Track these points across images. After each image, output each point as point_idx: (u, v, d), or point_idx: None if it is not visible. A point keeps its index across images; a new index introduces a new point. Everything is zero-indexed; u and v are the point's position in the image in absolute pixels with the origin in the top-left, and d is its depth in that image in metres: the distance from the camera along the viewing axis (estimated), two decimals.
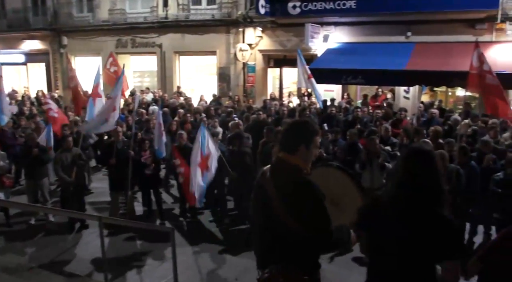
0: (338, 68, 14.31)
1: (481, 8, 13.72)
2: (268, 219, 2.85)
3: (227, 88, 18.59)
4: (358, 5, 14.93)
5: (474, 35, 14.53)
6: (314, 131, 2.92)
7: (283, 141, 2.91)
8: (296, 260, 2.78)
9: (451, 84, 13.84)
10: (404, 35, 15.40)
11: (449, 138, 8.67)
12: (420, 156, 2.73)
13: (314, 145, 2.89)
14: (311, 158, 2.92)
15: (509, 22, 14.30)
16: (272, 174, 2.88)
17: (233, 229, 8.52)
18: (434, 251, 2.60)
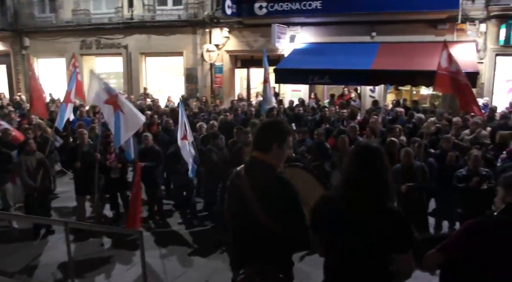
0: (305, 68, 14.44)
1: (442, 9, 14.11)
2: (244, 218, 2.86)
3: (195, 89, 18.48)
4: (324, 6, 15.11)
5: (436, 35, 14.95)
6: (287, 131, 2.97)
7: (257, 140, 2.94)
8: (271, 259, 2.81)
9: (415, 83, 14.15)
10: (369, 35, 15.67)
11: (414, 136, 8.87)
12: (367, 152, 2.77)
13: (287, 144, 2.93)
14: (284, 157, 2.96)
15: (469, 23, 14.74)
16: (247, 173, 2.89)
17: (203, 231, 8.47)
18: (385, 245, 2.65)
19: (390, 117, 12.23)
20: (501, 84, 15.52)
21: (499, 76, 15.37)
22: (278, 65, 15.18)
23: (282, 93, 17.51)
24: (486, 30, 14.75)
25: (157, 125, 11.39)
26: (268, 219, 2.74)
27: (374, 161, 2.72)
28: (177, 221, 8.92)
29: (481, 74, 14.49)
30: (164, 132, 10.43)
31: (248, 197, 2.81)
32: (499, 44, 14.65)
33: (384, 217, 2.66)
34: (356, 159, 2.77)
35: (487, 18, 14.69)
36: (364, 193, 2.67)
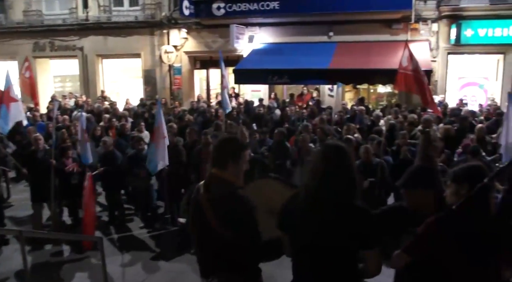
0: (264, 68, 14.52)
1: (396, 9, 14.49)
2: (205, 231, 2.98)
3: (153, 91, 18.25)
4: (282, 6, 15.23)
5: (391, 34, 15.35)
6: (242, 147, 3.09)
7: (214, 157, 3.07)
8: (236, 269, 2.93)
9: (372, 81, 14.47)
10: (326, 35, 15.90)
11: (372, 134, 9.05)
12: (334, 151, 2.81)
13: (242, 159, 3.05)
14: (241, 172, 3.07)
15: (422, 23, 15.19)
16: (205, 189, 3.02)
17: (165, 234, 8.37)
18: (353, 242, 2.68)
19: (348, 115, 12.43)
20: (454, 81, 16.06)
21: (451, 74, 15.91)
22: (237, 66, 15.20)
23: (242, 93, 17.53)
24: (438, 29, 15.24)
25: (116, 129, 11.18)
26: (225, 231, 2.86)
27: (341, 159, 2.76)
28: (138, 225, 8.78)
29: (435, 72, 14.96)
30: (120, 137, 10.25)
31: (206, 211, 2.94)
32: (451, 43, 15.16)
33: (351, 214, 2.69)
34: (323, 157, 2.81)
35: (439, 18, 15.17)
36: (331, 191, 2.70)
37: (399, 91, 14.56)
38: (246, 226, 2.86)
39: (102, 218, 9.21)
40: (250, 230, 2.87)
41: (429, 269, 2.87)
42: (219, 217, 2.89)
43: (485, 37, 14.70)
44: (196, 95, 18.00)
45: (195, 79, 19.01)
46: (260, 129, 10.35)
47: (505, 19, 14.50)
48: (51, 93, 18.24)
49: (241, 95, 17.00)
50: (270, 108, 13.58)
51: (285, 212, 2.90)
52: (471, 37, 14.78)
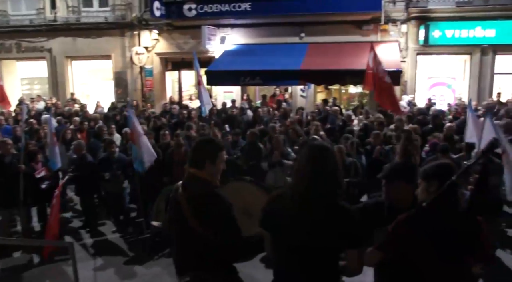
0: (236, 69, 14.51)
1: (366, 10, 14.69)
2: (183, 230, 3.03)
3: (125, 94, 18.02)
4: (253, 8, 15.25)
5: (361, 35, 15.54)
6: (218, 148, 3.17)
7: (192, 157, 3.14)
8: (213, 267, 3.00)
9: (344, 82, 14.62)
10: (298, 36, 16.00)
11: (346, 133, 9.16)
12: (320, 151, 2.86)
13: (219, 160, 3.13)
14: (218, 172, 3.15)
15: (391, 24, 15.44)
16: (183, 189, 3.09)
17: (138, 238, 8.26)
18: (342, 242, 2.72)
19: (320, 116, 12.53)
20: (423, 81, 16.38)
21: (420, 74, 16.23)
22: (209, 67, 15.14)
23: (215, 94, 17.47)
24: (407, 30, 15.52)
25: (87, 132, 10.99)
26: (203, 230, 2.92)
27: (325, 159, 2.80)
28: (111, 229, 8.66)
29: (404, 72, 15.22)
30: (96, 138, 10.09)
31: (184, 210, 3.00)
32: (419, 44, 15.47)
33: (339, 214, 2.72)
34: (310, 159, 2.84)
35: (408, 19, 15.45)
36: (319, 192, 2.73)
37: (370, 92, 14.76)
38: (225, 224, 2.92)
39: (73, 223, 9.06)
40: (229, 228, 2.93)
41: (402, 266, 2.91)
42: (198, 216, 2.94)
43: (452, 38, 15.08)
44: (168, 97, 17.85)
45: (166, 81, 18.85)
46: (233, 130, 10.31)
47: (470, 21, 14.89)
48: (18, 96, 17.79)
49: (214, 97, 16.94)
50: (242, 109, 13.58)
51: (270, 212, 2.92)
52: (439, 38, 15.13)
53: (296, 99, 16.31)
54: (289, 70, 13.92)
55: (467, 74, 15.95)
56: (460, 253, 2.79)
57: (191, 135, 9.71)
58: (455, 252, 2.77)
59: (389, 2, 15.35)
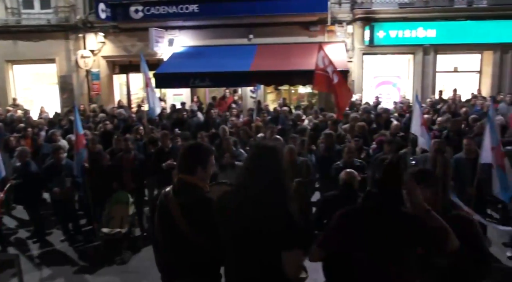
0: (185, 71, 14.40)
1: (312, 12, 14.94)
2: (173, 236, 3.00)
3: (71, 98, 17.46)
4: (201, 9, 15.19)
5: (309, 36, 15.79)
6: (209, 153, 3.17)
7: (182, 163, 3.11)
8: (200, 273, 3.01)
9: (293, 82, 14.81)
10: (246, 38, 16.06)
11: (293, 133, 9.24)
12: (264, 151, 2.88)
13: (209, 164, 3.13)
14: (208, 176, 3.16)
15: (337, 25, 15.77)
16: (175, 194, 3.05)
17: (88, 246, 8.03)
18: (274, 243, 2.69)
19: (271, 116, 12.61)
20: (369, 80, 16.82)
21: (367, 74, 16.67)
22: (158, 70, 14.95)
23: (164, 96, 17.27)
24: (353, 31, 15.89)
25: (32, 139, 10.58)
26: (195, 235, 2.92)
27: (270, 158, 2.82)
28: (59, 239, 8.37)
29: (351, 72, 15.58)
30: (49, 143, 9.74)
31: (176, 215, 2.96)
32: (365, 44, 15.89)
33: (272, 213, 2.70)
34: (252, 157, 2.90)
35: (353, 20, 15.83)
36: (257, 190, 2.74)
37: (319, 92, 15.05)
38: (216, 230, 2.89)
39: (18, 234, 8.70)
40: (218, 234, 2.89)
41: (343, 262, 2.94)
42: (190, 222, 2.93)
43: (395, 38, 15.60)
44: (116, 101, 17.48)
45: (114, 85, 18.44)
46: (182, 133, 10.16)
47: (413, 21, 15.45)
48: None
49: (163, 99, 16.74)
50: (192, 111, 13.47)
51: (218, 209, 2.91)
52: (383, 38, 15.60)
53: (246, 100, 16.37)
54: (238, 72, 13.96)
55: (411, 73, 16.53)
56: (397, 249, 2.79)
57: (140, 139, 9.55)
58: (391, 248, 2.78)
59: (335, 3, 15.68)
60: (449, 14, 15.40)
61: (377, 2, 15.59)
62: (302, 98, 18.39)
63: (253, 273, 2.79)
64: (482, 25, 15.33)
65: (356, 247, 2.85)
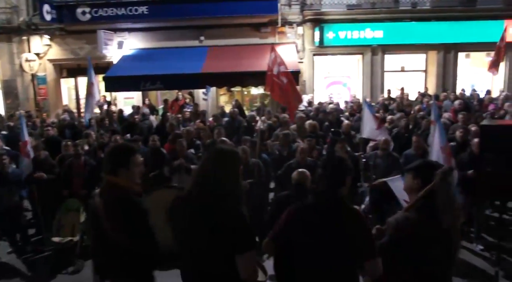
0: (136, 74, 14.16)
1: (263, 13, 15.06)
2: (100, 237, 3.04)
3: (15, 104, 16.80)
4: (150, 11, 14.98)
5: (260, 38, 15.89)
6: (130, 153, 3.18)
7: (105, 164, 3.15)
8: (130, 274, 3.03)
9: (245, 84, 14.85)
10: (197, 40, 16.00)
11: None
12: (218, 155, 2.90)
13: (133, 164, 3.14)
14: (135, 176, 3.16)
15: (288, 26, 15.96)
16: (100, 195, 3.12)
17: (38, 257, 7.73)
18: (229, 245, 2.70)
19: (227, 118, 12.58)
20: (320, 81, 17.10)
21: (318, 74, 16.93)
22: (108, 73, 14.64)
23: (114, 99, 16.92)
24: (303, 32, 16.13)
25: None
26: (120, 236, 2.92)
27: (222, 162, 2.84)
28: (6, 251, 8.01)
29: (302, 73, 15.78)
30: None
31: (102, 216, 3.00)
32: (315, 45, 16.14)
33: (225, 217, 2.71)
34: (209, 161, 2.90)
35: (303, 21, 16.06)
36: (209, 194, 2.76)
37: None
38: (139, 230, 2.93)
39: None
40: (143, 234, 2.94)
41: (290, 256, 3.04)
42: (113, 221, 2.96)
43: (345, 39, 15.94)
44: (65, 105, 16.97)
45: (62, 89, 17.89)
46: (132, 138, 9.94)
47: (361, 23, 15.84)
48: None
49: (113, 103, 16.40)
50: (144, 115, 13.26)
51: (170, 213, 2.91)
52: (333, 39, 15.91)
53: (199, 102, 16.24)
54: (190, 74, 13.86)
55: (360, 73, 16.93)
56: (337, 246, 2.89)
57: (91, 144, 9.30)
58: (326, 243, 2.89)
59: (285, 5, 15.84)
60: (395, 15, 15.90)
61: (326, 4, 15.90)
62: (255, 99, 18.47)
63: (209, 278, 2.79)
64: (426, 26, 15.91)
65: (298, 241, 2.97)
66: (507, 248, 6.48)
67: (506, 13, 15.79)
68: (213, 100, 15.70)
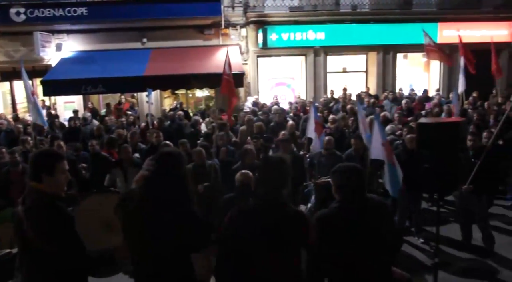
0: (76, 78, 13.70)
1: (206, 15, 14.98)
2: (24, 244, 2.98)
3: None
4: (90, 12, 14.52)
5: (204, 40, 15.83)
6: (55, 159, 3.09)
7: (30, 171, 3.12)
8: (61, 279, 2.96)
9: (189, 86, 14.73)
10: (140, 42, 15.70)
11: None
12: (167, 157, 2.95)
13: (58, 170, 3.06)
14: (59, 183, 3.08)
15: (231, 28, 15.98)
16: (22, 202, 3.05)
17: None
18: (185, 244, 2.79)
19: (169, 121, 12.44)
20: (265, 82, 17.24)
21: (262, 75, 17.07)
22: (45, 77, 14.09)
23: (54, 104, 16.32)
24: (247, 34, 16.20)
25: None
26: (41, 243, 2.86)
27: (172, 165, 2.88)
28: None
29: (247, 74, 15.86)
30: None
31: (23, 222, 2.91)
32: (259, 47, 16.26)
33: (179, 217, 2.78)
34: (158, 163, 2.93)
35: (246, 23, 16.14)
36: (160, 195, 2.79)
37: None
38: (64, 237, 2.88)
39: None
40: (68, 241, 2.88)
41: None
42: (34, 228, 2.88)
43: (288, 41, 16.15)
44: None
45: None
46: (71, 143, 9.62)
47: (303, 24, 16.11)
48: None
49: (53, 108, 15.81)
50: (85, 119, 12.85)
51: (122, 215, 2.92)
52: (276, 41, 16.08)
53: (143, 106, 15.97)
54: (132, 77, 13.57)
55: (304, 74, 17.20)
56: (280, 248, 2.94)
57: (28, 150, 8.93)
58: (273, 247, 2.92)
59: (228, 7, 15.86)
60: (336, 17, 16.30)
61: (268, 6, 16.04)
62: (200, 101, 18.38)
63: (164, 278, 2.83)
64: (366, 28, 16.41)
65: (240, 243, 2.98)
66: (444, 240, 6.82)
67: (439, 16, 16.55)
68: (157, 103, 15.47)
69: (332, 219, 3.15)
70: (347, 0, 16.38)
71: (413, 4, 16.65)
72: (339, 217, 3.14)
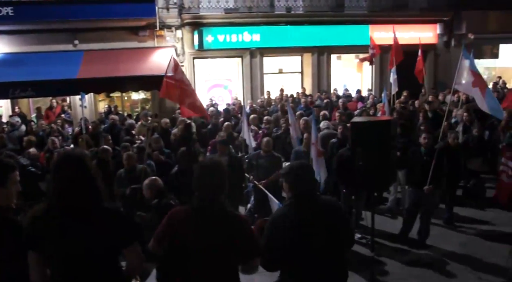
0: (3, 81, 13.01)
1: (140, 16, 14.70)
2: None
3: None
4: (16, 12, 13.82)
5: (138, 41, 15.56)
6: (6, 170, 2.96)
7: None
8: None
9: (124, 88, 14.46)
10: (71, 44, 15.19)
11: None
12: (69, 160, 2.85)
13: (10, 181, 2.94)
14: (10, 194, 2.96)
15: (167, 30, 15.80)
16: None
17: None
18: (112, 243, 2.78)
19: (106, 125, 12.18)
20: (201, 84, 17.21)
21: (199, 77, 17.03)
22: None
23: None
24: (182, 36, 16.10)
25: None
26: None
27: (78, 167, 2.80)
28: None
29: None
30: None
31: None
32: (195, 49, 16.22)
33: (102, 216, 2.77)
34: (60, 167, 2.84)
35: (182, 25, 16.03)
36: (78, 199, 2.73)
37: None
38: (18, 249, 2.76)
39: None
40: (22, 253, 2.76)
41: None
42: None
43: (224, 42, 16.19)
44: None
45: None
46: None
47: (238, 26, 16.21)
48: None
49: None
50: (13, 125, 12.27)
51: (34, 226, 2.78)
52: (212, 42, 16.07)
53: (76, 109, 15.47)
54: (64, 80, 13.06)
55: (241, 76, 17.34)
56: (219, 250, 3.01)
57: None
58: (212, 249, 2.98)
59: (163, 8, 15.66)
60: (271, 19, 16.55)
61: (204, 8, 16.01)
62: (136, 104, 18.07)
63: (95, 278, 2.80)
64: (301, 29, 16.77)
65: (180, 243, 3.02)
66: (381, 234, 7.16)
67: (370, 18, 17.18)
68: (91, 106, 15.06)
69: (287, 217, 3.25)
70: (282, 2, 16.64)
71: (345, 6, 17.16)
72: (292, 214, 3.25)
